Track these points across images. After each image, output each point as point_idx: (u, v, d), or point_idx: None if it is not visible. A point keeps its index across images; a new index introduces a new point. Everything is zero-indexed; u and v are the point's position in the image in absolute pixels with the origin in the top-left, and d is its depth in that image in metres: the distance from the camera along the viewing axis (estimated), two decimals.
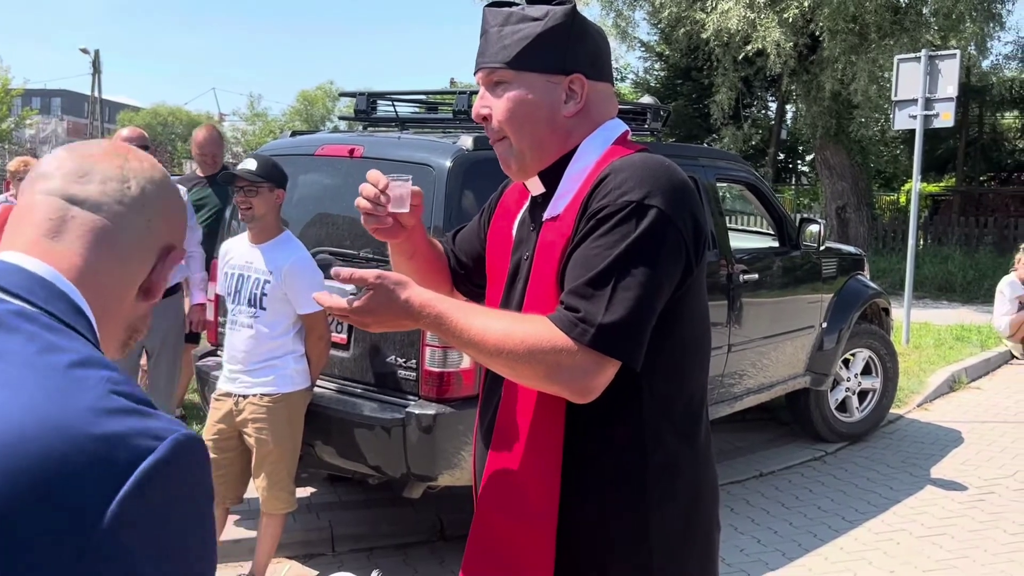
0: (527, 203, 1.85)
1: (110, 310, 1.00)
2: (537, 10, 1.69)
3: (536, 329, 1.53)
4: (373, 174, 1.77)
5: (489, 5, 1.75)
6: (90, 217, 0.99)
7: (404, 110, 4.92)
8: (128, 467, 0.80)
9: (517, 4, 1.73)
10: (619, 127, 1.76)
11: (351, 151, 4.24)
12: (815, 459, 6.03)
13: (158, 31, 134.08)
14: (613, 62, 1.88)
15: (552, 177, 1.74)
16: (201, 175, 6.18)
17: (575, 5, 1.71)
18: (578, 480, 1.64)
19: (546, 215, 1.71)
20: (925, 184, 20.85)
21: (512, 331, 1.53)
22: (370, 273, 1.56)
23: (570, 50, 1.69)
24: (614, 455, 1.65)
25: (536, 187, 1.78)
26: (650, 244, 1.54)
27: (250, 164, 3.77)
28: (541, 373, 1.53)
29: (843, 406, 6.38)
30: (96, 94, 42.24)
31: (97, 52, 41.28)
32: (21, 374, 0.82)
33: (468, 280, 2.05)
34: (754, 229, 9.05)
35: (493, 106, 1.71)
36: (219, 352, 4.60)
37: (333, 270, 1.58)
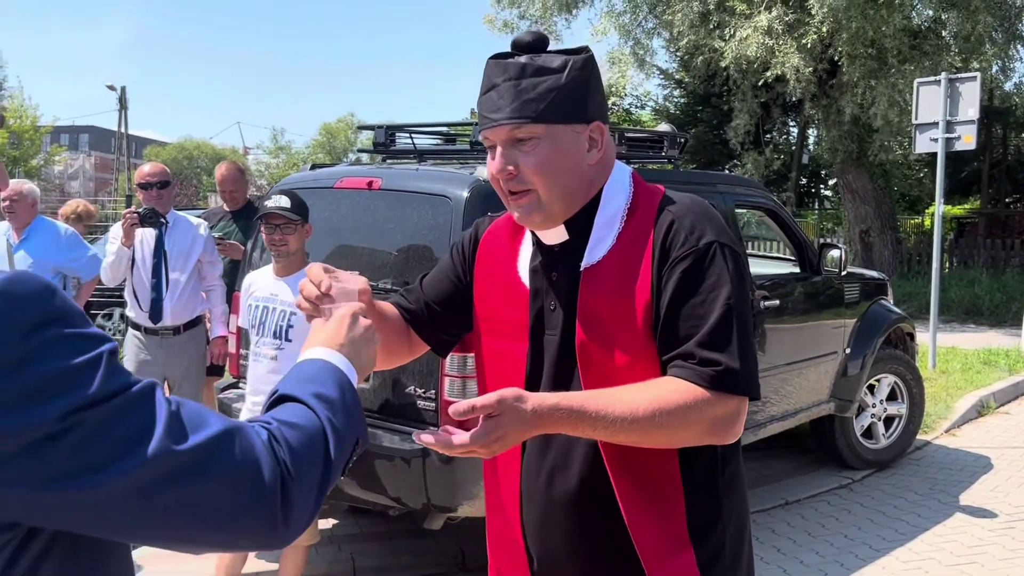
0: (531, 250, 1.80)
1: None
2: (555, 60, 1.65)
3: (681, 390, 1.55)
4: (315, 272, 1.63)
5: (494, 57, 1.70)
6: None
7: (422, 142, 4.95)
8: None
9: (516, 55, 1.68)
10: (625, 168, 1.79)
11: (369, 183, 4.27)
12: (841, 487, 5.96)
13: (183, 67, 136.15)
14: (632, 90, 1.91)
15: (577, 225, 1.72)
16: (227, 209, 6.26)
17: (592, 54, 1.71)
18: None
19: (584, 263, 1.70)
20: (950, 207, 20.70)
21: (662, 400, 1.53)
22: (489, 399, 1.46)
23: (591, 99, 1.69)
24: (698, 480, 1.71)
25: (558, 236, 1.74)
26: (740, 279, 1.63)
27: (284, 201, 3.77)
28: (701, 431, 1.57)
29: (869, 432, 6.31)
30: (123, 129, 42.83)
31: (124, 88, 41.89)
32: None
33: (439, 328, 1.94)
34: (774, 255, 9.01)
35: (520, 161, 1.66)
36: (241, 384, 4.63)
37: (450, 409, 1.45)
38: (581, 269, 1.70)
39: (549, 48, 1.69)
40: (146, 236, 4.73)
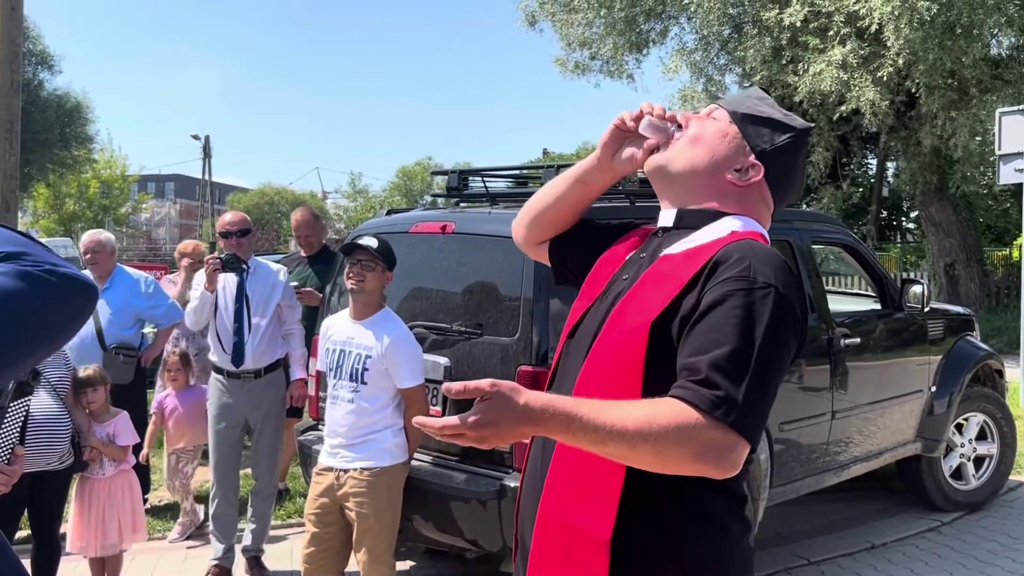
0: (646, 240, 1.93)
1: None
2: (788, 114, 1.87)
3: (676, 409, 1.52)
4: (662, 109, 1.86)
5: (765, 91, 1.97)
6: None
7: (494, 185, 5.02)
8: None
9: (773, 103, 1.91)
10: (764, 229, 1.84)
11: (443, 227, 4.34)
12: (930, 529, 5.76)
13: (264, 115, 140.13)
14: None
15: (688, 219, 1.81)
16: (303, 255, 6.39)
17: (811, 129, 1.88)
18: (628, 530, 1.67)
19: (665, 251, 1.78)
20: None
21: (654, 415, 1.50)
22: (484, 382, 1.49)
23: (777, 148, 1.82)
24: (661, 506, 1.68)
25: (667, 217, 1.85)
26: (783, 331, 1.60)
27: (372, 242, 3.90)
28: (691, 454, 1.51)
29: (958, 473, 6.10)
30: (206, 177, 44.19)
31: (207, 137, 43.34)
32: None
33: (562, 252, 2.11)
34: (855, 291, 8.84)
35: (695, 121, 1.85)
36: (320, 427, 4.70)
37: (444, 386, 1.51)
38: (662, 254, 1.78)
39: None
40: (228, 282, 4.86)
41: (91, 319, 5.64)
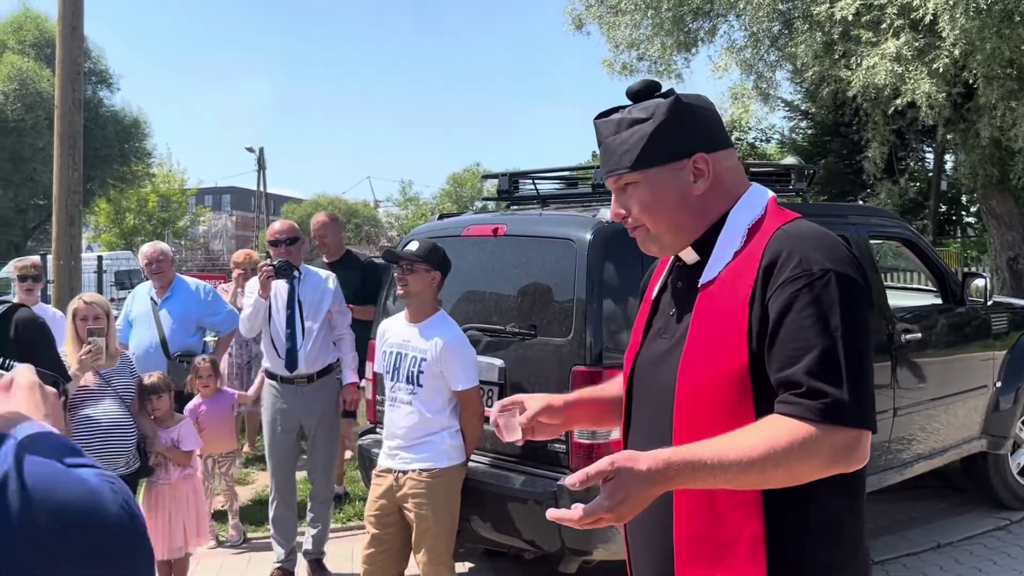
0: (668, 267, 1.92)
1: None
2: (643, 110, 1.77)
3: (792, 427, 1.54)
4: (497, 408, 1.99)
5: (598, 117, 1.85)
6: None
7: (545, 187, 5.03)
8: None
9: (624, 107, 1.81)
10: (765, 193, 1.82)
11: (495, 230, 4.36)
12: (999, 528, 5.63)
13: (317, 126, 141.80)
14: (756, 123, 1.96)
15: (705, 245, 1.79)
16: (326, 261, 6.36)
17: (677, 96, 1.78)
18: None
19: (702, 280, 1.76)
20: None
21: (775, 439, 1.53)
22: (602, 464, 1.52)
23: (684, 135, 1.76)
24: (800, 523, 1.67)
25: (690, 256, 1.83)
26: (856, 309, 1.60)
27: (412, 246, 3.97)
28: (821, 463, 1.55)
29: None
30: (261, 189, 44.82)
31: (261, 149, 43.96)
32: None
33: None
34: (915, 286, 8.68)
35: (627, 206, 1.81)
36: (378, 430, 4.75)
37: (566, 481, 1.52)
38: (699, 285, 1.76)
39: (664, 89, 1.80)
40: (280, 288, 4.93)
41: (155, 329, 5.76)
